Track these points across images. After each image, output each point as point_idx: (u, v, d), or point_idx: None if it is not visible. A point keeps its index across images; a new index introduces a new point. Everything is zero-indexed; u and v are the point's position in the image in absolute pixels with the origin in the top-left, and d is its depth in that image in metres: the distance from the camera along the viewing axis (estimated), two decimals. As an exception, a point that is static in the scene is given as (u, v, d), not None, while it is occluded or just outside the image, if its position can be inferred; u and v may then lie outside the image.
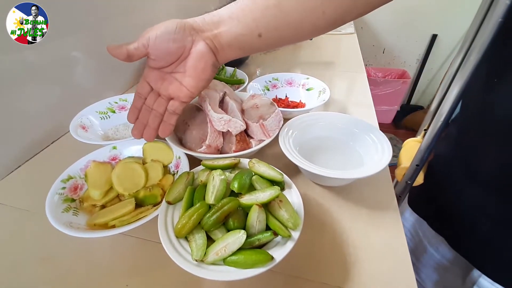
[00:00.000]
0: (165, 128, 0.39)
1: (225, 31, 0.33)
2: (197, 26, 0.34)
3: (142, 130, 0.39)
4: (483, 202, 0.39)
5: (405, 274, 0.33)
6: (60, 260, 0.35)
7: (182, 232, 0.29)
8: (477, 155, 0.39)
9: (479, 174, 0.39)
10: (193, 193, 0.33)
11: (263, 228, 0.30)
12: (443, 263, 0.49)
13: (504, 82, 0.33)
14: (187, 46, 0.34)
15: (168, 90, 0.36)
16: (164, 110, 0.38)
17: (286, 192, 0.35)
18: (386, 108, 2.07)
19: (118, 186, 0.40)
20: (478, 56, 0.36)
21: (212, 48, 0.34)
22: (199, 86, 0.36)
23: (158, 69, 0.36)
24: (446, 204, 0.46)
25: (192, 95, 0.37)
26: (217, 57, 0.35)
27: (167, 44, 0.33)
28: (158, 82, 0.36)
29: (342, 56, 1.00)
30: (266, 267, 0.27)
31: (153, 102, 0.37)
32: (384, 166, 0.38)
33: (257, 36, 0.33)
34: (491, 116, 0.36)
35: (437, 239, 0.48)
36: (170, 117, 0.38)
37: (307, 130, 0.48)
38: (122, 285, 0.32)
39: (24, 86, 0.49)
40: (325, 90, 0.62)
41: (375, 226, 0.38)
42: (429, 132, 0.46)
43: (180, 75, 0.35)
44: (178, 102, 0.37)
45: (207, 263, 0.27)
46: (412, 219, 0.54)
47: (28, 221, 0.41)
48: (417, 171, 0.50)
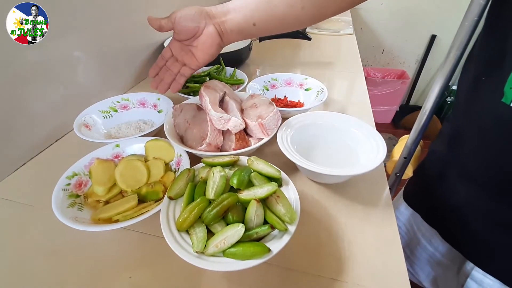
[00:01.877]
0: (175, 85, 0.49)
1: (229, 19, 0.43)
2: (210, 13, 0.43)
3: (158, 84, 0.49)
4: (475, 197, 0.40)
5: (397, 267, 0.34)
6: (65, 254, 0.37)
7: (183, 225, 0.30)
8: (467, 153, 0.40)
9: (469, 170, 0.40)
10: (194, 189, 0.35)
11: (261, 222, 0.31)
12: (435, 256, 0.50)
13: (489, 80, 0.35)
14: (201, 26, 0.43)
15: (184, 58, 0.47)
16: (178, 72, 0.49)
17: (284, 188, 0.36)
18: (386, 108, 2.08)
19: (121, 183, 0.42)
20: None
21: (219, 31, 0.44)
22: (205, 58, 0.46)
23: (179, 41, 0.46)
24: (439, 198, 0.47)
25: (199, 65, 0.47)
26: (222, 38, 0.45)
27: (187, 23, 0.43)
28: (178, 50, 0.47)
29: (341, 57, 1.01)
30: (264, 259, 0.28)
31: (171, 64, 0.49)
32: (379, 164, 0.40)
33: (252, 25, 0.42)
34: (478, 113, 0.37)
35: (431, 232, 0.50)
36: (180, 78, 0.49)
37: (305, 129, 0.50)
38: (125, 277, 0.34)
39: (29, 85, 0.50)
40: (323, 90, 0.64)
41: (370, 222, 0.40)
42: (414, 127, 0.49)
43: (194, 48, 0.46)
44: (188, 68, 0.48)
45: (207, 255, 0.29)
46: (407, 213, 0.55)
47: (34, 217, 0.42)
48: (405, 164, 0.52)
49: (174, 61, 0.48)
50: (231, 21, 0.43)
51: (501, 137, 0.34)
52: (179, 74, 0.49)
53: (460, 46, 0.38)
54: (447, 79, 0.42)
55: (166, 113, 0.57)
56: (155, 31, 0.45)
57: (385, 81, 1.97)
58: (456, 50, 0.38)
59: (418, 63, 2.05)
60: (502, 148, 0.34)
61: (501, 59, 0.33)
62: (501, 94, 0.32)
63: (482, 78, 0.36)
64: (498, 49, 0.34)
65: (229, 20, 0.43)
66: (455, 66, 0.42)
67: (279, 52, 1.04)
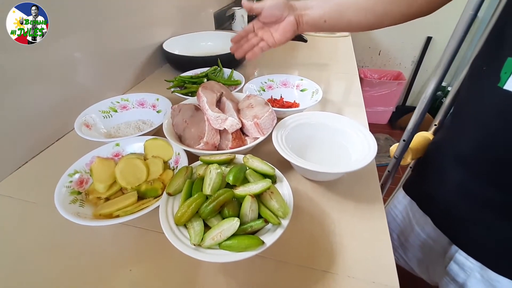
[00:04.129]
0: (251, 54, 0.56)
1: (306, 14, 0.51)
2: (294, 6, 0.52)
3: (237, 50, 0.57)
4: (466, 181, 0.42)
5: (385, 258, 0.35)
6: (67, 249, 0.38)
7: (181, 220, 0.32)
8: (463, 138, 0.43)
9: (464, 155, 0.42)
10: (191, 185, 0.36)
11: (255, 217, 0.33)
12: (428, 242, 0.52)
13: (488, 69, 0.37)
14: (284, 15, 0.51)
15: (264, 35, 0.55)
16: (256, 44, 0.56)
17: (278, 185, 0.38)
18: (382, 109, 2.11)
19: (121, 180, 0.43)
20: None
21: (297, 21, 0.52)
22: (281, 40, 0.54)
23: (263, 23, 0.54)
24: (434, 185, 0.50)
25: (275, 44, 0.54)
26: (298, 27, 0.53)
27: (274, 10, 0.51)
28: (259, 28, 0.55)
29: (337, 58, 1.03)
30: (258, 251, 0.29)
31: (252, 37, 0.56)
32: (370, 161, 0.41)
33: (323, 21, 0.51)
34: (477, 99, 0.40)
35: (424, 219, 0.52)
36: (258, 49, 0.55)
37: (299, 129, 0.51)
38: (126, 270, 0.35)
39: (30, 86, 0.52)
40: (318, 91, 0.65)
41: (361, 217, 0.41)
42: (415, 114, 0.54)
43: (273, 30, 0.54)
44: (265, 43, 0.55)
45: (204, 247, 0.30)
46: (405, 202, 0.58)
47: (36, 213, 0.43)
48: (404, 147, 0.55)
49: (255, 36, 0.56)
50: (308, 16, 0.51)
51: (494, 119, 0.36)
52: (257, 46, 0.55)
53: (455, 44, 0.44)
54: (444, 72, 0.47)
55: (164, 113, 0.58)
56: (155, 32, 0.46)
57: (381, 82, 1.99)
58: (451, 46, 0.44)
59: (414, 64, 2.07)
60: (495, 130, 0.36)
61: (499, 45, 0.35)
62: (498, 79, 0.34)
63: (483, 68, 0.38)
64: (497, 35, 0.36)
65: (306, 15, 0.51)
66: (451, 60, 0.46)
67: (276, 53, 1.05)
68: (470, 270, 0.43)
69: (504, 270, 0.40)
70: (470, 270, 0.43)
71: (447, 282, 0.47)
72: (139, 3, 0.78)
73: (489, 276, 0.41)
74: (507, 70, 0.33)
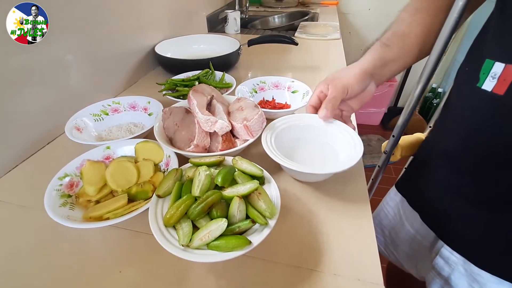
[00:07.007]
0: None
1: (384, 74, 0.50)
2: (373, 72, 0.48)
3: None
4: (451, 177, 0.44)
5: (370, 256, 0.36)
6: (57, 252, 0.38)
7: (170, 221, 0.32)
8: (448, 136, 0.44)
9: (449, 152, 0.44)
10: (181, 187, 0.37)
11: (243, 217, 0.33)
12: (417, 238, 0.54)
13: (470, 70, 0.39)
14: (366, 87, 0.49)
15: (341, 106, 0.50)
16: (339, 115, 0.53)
17: (266, 186, 0.38)
18: (374, 110, 2.14)
19: (111, 183, 0.43)
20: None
21: (376, 83, 0.50)
22: (358, 107, 0.51)
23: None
24: (423, 181, 0.51)
25: (351, 111, 0.52)
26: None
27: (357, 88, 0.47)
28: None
29: (328, 61, 1.05)
30: (245, 250, 0.30)
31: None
32: (356, 162, 0.42)
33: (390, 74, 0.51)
34: (460, 99, 0.42)
35: (413, 215, 0.54)
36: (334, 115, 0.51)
37: (288, 131, 0.52)
38: (115, 272, 0.35)
39: (21, 88, 0.52)
40: (309, 92, 0.66)
41: (347, 215, 0.42)
42: (403, 111, 0.57)
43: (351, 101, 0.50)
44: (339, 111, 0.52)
45: (192, 248, 0.31)
46: (397, 199, 0.60)
47: (26, 217, 0.43)
48: (393, 143, 0.57)
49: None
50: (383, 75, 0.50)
51: (475, 117, 0.38)
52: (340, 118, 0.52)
53: (441, 45, 0.46)
54: (431, 69, 0.51)
55: (156, 116, 0.58)
56: (147, 35, 0.46)
57: (373, 83, 2.02)
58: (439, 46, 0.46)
59: (405, 66, 2.10)
60: (475, 128, 0.38)
61: (481, 47, 0.38)
62: (477, 79, 0.36)
63: (466, 69, 0.41)
64: (480, 39, 0.39)
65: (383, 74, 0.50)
66: (437, 61, 0.49)
67: (268, 56, 1.06)
68: (454, 264, 0.45)
69: (485, 264, 0.41)
70: (454, 264, 0.45)
71: (433, 276, 0.49)
72: (132, 6, 0.78)
73: (472, 270, 0.42)
74: (485, 71, 0.35)
